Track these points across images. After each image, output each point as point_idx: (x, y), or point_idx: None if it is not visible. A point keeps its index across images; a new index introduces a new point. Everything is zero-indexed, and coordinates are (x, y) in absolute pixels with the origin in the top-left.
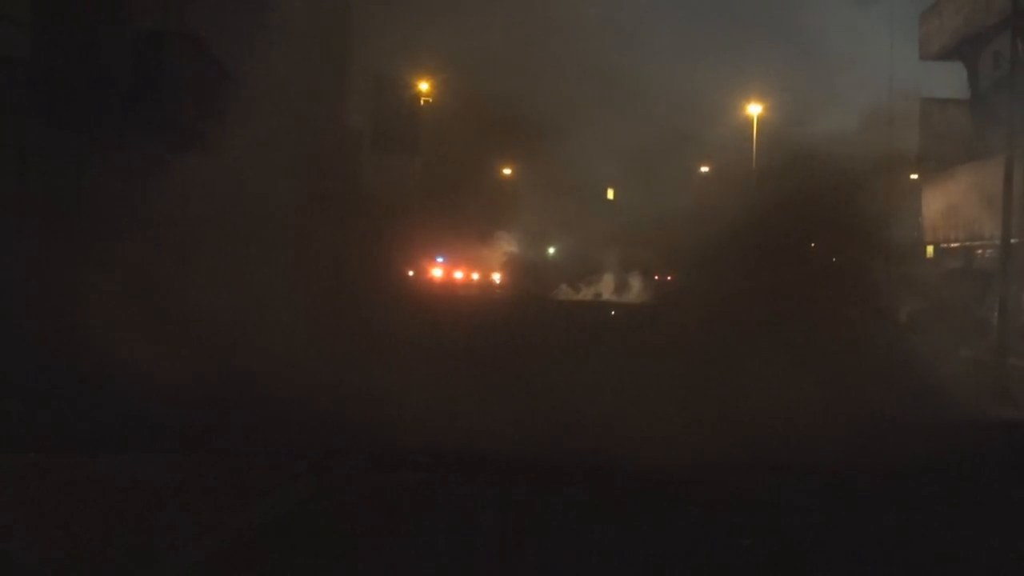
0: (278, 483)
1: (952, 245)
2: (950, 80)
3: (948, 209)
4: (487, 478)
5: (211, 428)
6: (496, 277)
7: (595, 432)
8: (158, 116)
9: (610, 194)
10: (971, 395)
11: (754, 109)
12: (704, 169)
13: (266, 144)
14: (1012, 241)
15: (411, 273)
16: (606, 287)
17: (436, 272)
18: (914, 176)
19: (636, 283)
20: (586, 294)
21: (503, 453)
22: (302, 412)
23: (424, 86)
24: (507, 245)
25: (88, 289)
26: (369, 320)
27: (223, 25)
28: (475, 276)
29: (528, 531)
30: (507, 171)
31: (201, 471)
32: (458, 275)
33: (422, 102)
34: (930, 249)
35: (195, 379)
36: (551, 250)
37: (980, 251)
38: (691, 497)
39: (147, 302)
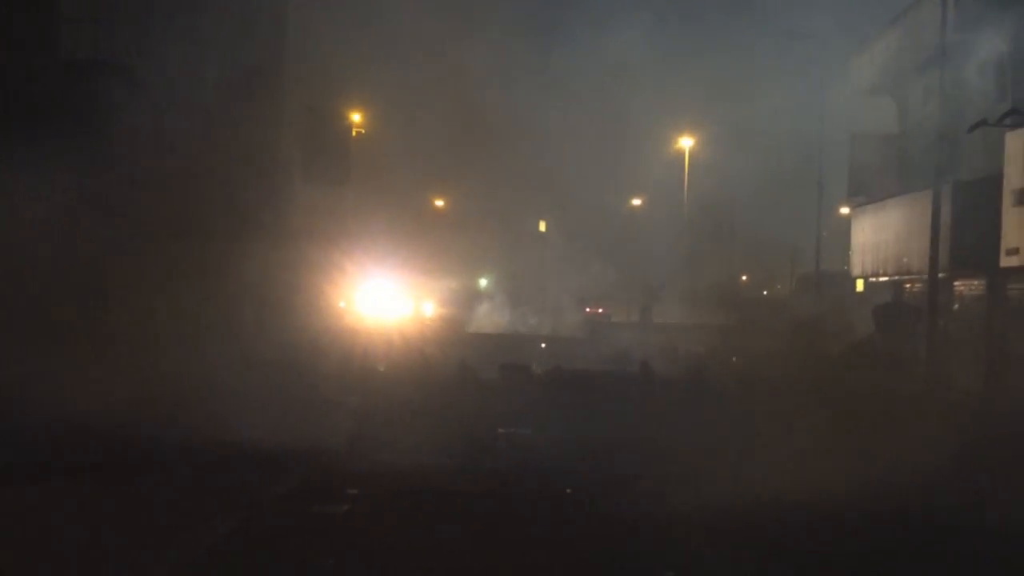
0: (207, 514)
1: (881, 279)
2: (880, 115)
3: (877, 243)
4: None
5: (130, 460)
6: (428, 308)
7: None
8: (89, 146)
9: (542, 227)
10: None
11: (686, 143)
12: (636, 202)
13: (196, 174)
14: (940, 275)
15: (343, 304)
16: (539, 320)
17: (364, 304)
18: (845, 210)
19: (568, 316)
20: (520, 327)
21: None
22: (224, 444)
23: (356, 117)
24: (440, 277)
25: None
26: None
27: (155, 56)
28: (407, 307)
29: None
30: (439, 203)
31: (119, 505)
32: (391, 306)
33: (354, 133)
34: (860, 283)
35: (111, 410)
36: (483, 282)
37: (908, 285)
38: None
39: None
